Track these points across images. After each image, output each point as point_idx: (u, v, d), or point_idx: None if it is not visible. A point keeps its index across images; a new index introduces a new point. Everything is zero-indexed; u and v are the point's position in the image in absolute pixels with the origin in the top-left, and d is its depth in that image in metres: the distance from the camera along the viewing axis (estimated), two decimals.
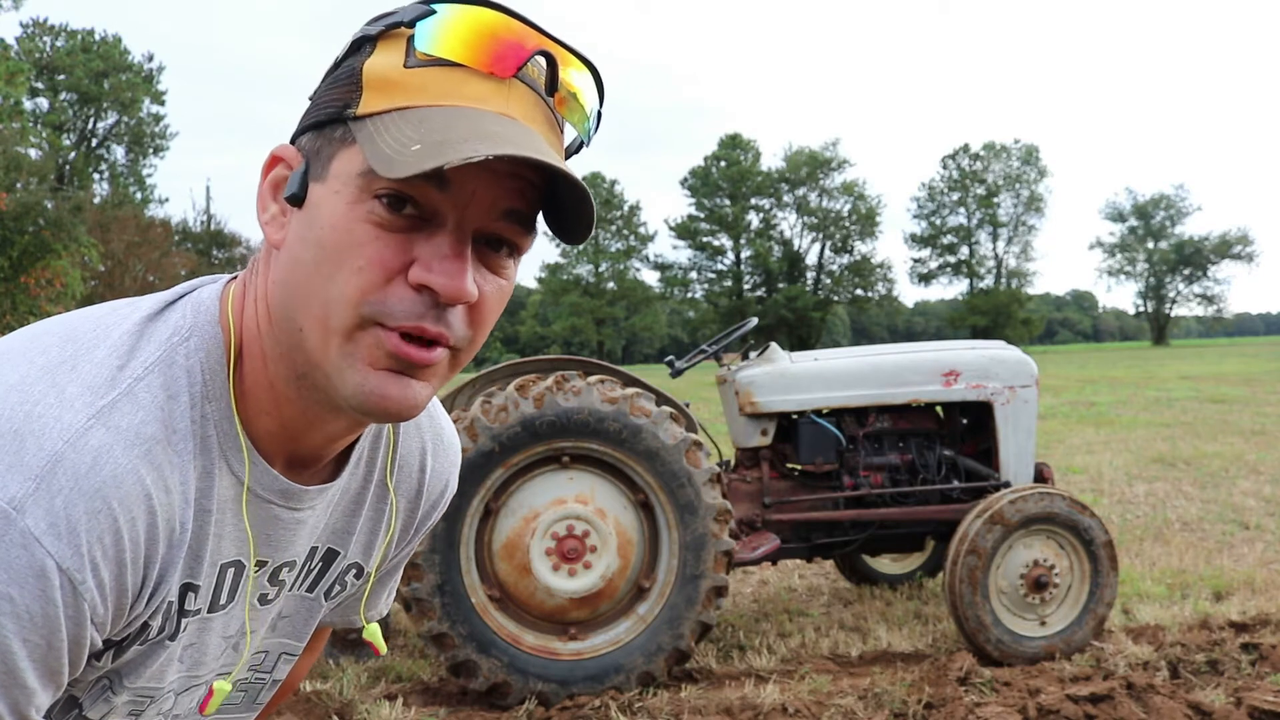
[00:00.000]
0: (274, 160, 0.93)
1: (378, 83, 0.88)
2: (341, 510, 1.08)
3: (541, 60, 0.91)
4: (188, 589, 0.95)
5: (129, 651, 0.95)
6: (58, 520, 0.82)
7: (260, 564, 1.02)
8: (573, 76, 0.94)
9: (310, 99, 0.94)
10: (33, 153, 27.66)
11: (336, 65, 0.93)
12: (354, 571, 1.14)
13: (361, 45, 0.90)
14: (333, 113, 0.89)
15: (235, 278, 1.00)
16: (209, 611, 1.00)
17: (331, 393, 0.91)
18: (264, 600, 1.05)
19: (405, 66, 0.88)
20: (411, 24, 0.88)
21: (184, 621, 0.97)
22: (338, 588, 1.14)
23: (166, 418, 0.90)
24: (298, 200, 0.89)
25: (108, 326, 0.93)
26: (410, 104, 0.87)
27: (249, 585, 1.02)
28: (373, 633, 1.16)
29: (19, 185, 23.41)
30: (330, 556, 1.10)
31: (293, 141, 0.95)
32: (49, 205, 23.51)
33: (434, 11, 0.88)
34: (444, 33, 0.87)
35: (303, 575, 1.09)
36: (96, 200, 40.08)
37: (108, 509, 0.84)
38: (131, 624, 0.92)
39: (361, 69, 0.89)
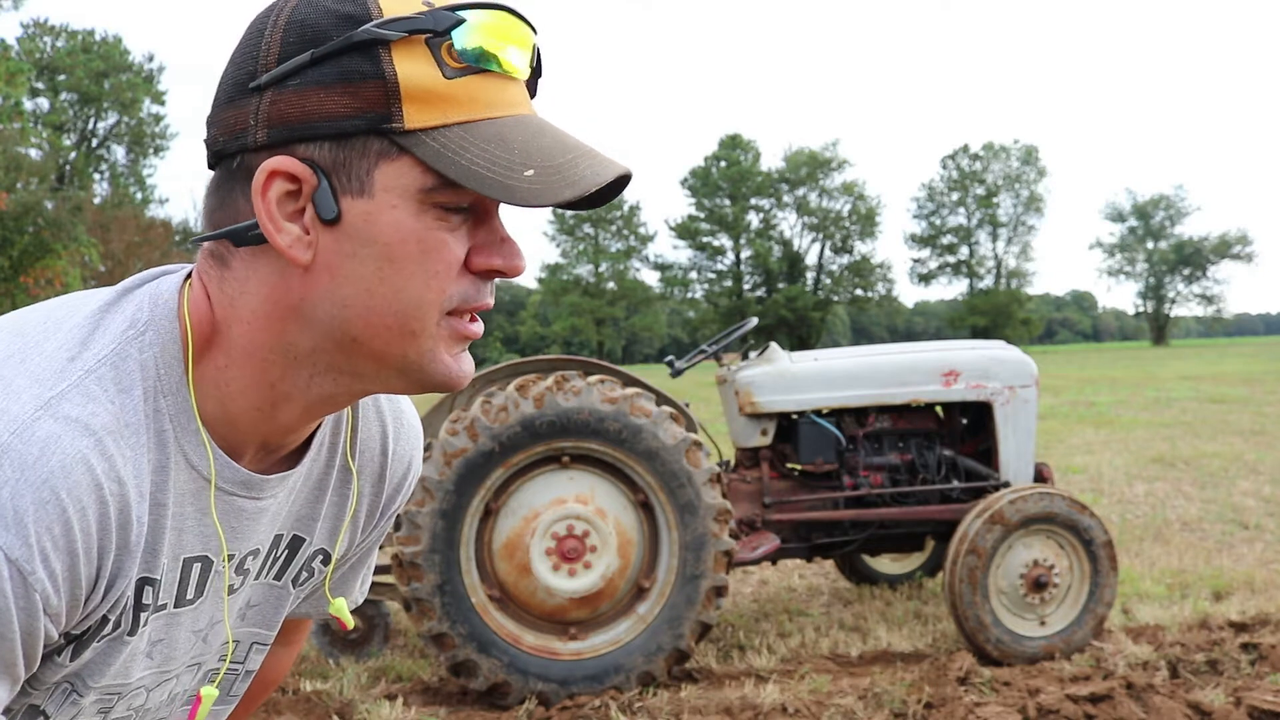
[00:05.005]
0: (273, 175, 0.88)
1: (420, 94, 0.87)
2: (305, 496, 1.09)
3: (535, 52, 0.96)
4: (144, 584, 0.95)
5: (88, 650, 0.95)
6: (4, 511, 0.81)
7: (229, 557, 1.02)
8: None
9: (254, 90, 0.88)
10: (33, 153, 27.68)
11: (314, 62, 0.87)
12: (320, 557, 1.14)
13: (369, 49, 0.87)
14: (359, 124, 0.87)
15: (191, 273, 0.99)
16: (175, 607, 1.00)
17: (408, 382, 0.95)
18: (230, 590, 1.06)
19: (446, 77, 0.88)
20: (445, 32, 0.88)
21: (143, 616, 0.97)
22: (305, 574, 1.15)
23: (118, 410, 0.89)
24: (337, 219, 0.89)
25: (58, 320, 0.93)
26: (468, 118, 0.88)
27: (225, 580, 1.03)
28: (339, 608, 1.17)
29: (19, 185, 23.43)
30: (296, 543, 1.11)
31: (245, 142, 0.89)
32: (49, 205, 23.52)
33: (464, 20, 0.88)
34: (480, 40, 0.89)
35: (269, 563, 1.10)
36: (97, 200, 40.11)
37: (56, 499, 0.83)
38: (89, 616, 0.92)
39: (396, 78, 0.86)
